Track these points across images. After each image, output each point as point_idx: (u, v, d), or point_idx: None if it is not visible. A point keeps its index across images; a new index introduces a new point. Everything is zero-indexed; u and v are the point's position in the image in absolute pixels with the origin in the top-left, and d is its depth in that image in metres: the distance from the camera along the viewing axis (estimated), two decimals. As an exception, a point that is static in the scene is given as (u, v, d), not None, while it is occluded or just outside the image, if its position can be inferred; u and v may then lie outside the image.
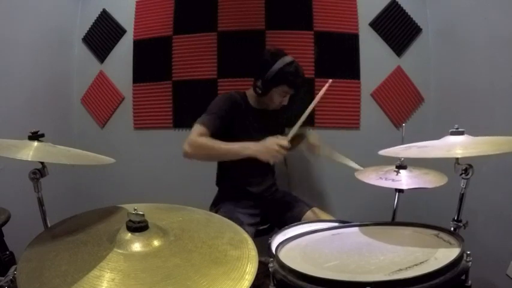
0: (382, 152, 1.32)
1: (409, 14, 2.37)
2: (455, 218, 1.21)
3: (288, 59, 1.83)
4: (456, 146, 1.15)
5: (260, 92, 1.85)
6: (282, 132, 2.18)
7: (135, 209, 0.86)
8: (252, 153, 1.68)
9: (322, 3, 2.36)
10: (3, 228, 1.52)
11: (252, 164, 1.75)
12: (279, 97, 1.87)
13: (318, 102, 1.81)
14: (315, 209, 1.89)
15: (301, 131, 1.91)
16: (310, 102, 2.07)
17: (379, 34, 2.39)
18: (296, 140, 1.94)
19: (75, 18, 2.61)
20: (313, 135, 2.01)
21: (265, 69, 1.80)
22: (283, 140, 1.71)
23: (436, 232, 1.12)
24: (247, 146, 1.70)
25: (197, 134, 1.71)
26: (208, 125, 1.74)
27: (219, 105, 1.83)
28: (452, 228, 1.19)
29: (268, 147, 1.68)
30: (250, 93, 1.98)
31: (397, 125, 2.41)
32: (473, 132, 1.21)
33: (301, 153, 2.34)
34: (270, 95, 1.86)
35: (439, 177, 1.51)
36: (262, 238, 1.78)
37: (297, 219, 1.83)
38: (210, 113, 1.79)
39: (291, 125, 2.29)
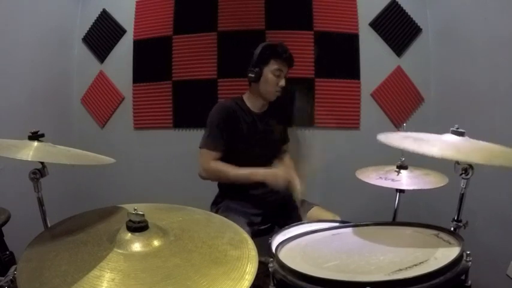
0: (380, 137, 1.30)
1: (409, 14, 2.37)
2: (455, 218, 1.21)
3: (268, 42, 1.93)
4: (450, 147, 1.14)
5: (253, 76, 1.86)
6: (285, 138, 2.18)
7: (135, 209, 0.86)
8: (260, 179, 1.75)
9: (322, 3, 2.36)
10: (3, 228, 1.52)
11: (253, 166, 1.76)
12: (274, 77, 1.85)
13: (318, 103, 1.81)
14: (317, 208, 1.88)
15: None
16: (310, 102, 2.06)
17: (379, 34, 2.39)
18: None
19: (75, 18, 2.61)
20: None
21: (251, 58, 1.88)
22: (292, 175, 1.75)
23: (436, 232, 1.12)
24: (256, 172, 1.76)
25: (209, 160, 1.80)
26: (214, 149, 1.81)
27: (216, 123, 1.85)
28: (452, 228, 1.19)
29: (276, 178, 1.73)
30: (247, 96, 1.97)
31: (397, 125, 2.41)
32: (473, 132, 1.21)
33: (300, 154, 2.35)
34: (264, 77, 1.86)
35: (440, 178, 1.51)
36: (262, 238, 1.78)
37: (299, 219, 1.82)
38: (210, 134, 1.84)
39: (289, 123, 2.30)
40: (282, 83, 1.89)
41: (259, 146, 1.91)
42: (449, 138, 1.19)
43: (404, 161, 1.57)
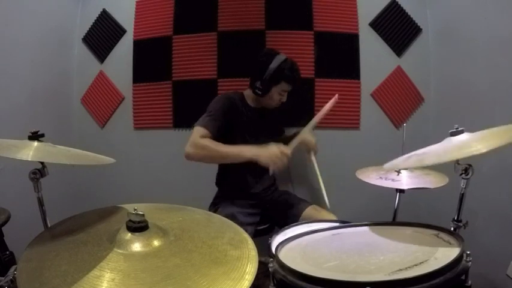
0: (386, 166, 1.30)
1: (409, 14, 2.37)
2: (455, 218, 1.21)
3: (282, 56, 1.87)
4: (457, 147, 1.13)
5: (260, 93, 1.86)
6: (280, 131, 2.20)
7: (135, 209, 0.86)
8: (252, 156, 1.69)
9: (322, 3, 2.36)
10: (3, 228, 1.52)
11: (251, 164, 1.76)
12: (279, 95, 1.90)
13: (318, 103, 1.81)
14: (314, 206, 1.90)
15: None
16: (308, 102, 2.06)
17: (379, 34, 2.39)
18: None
19: (75, 18, 2.61)
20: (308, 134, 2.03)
21: (262, 70, 1.83)
22: (286, 149, 1.73)
23: (436, 232, 1.12)
24: (248, 149, 1.72)
25: (199, 136, 1.72)
26: (208, 127, 1.75)
27: (218, 107, 1.84)
28: (452, 228, 1.19)
29: (270, 153, 1.69)
30: (247, 93, 1.99)
31: (397, 125, 2.41)
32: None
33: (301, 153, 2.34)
34: (271, 94, 1.88)
35: (440, 178, 1.51)
36: (262, 238, 1.78)
37: (296, 217, 1.84)
38: (210, 115, 1.81)
39: (289, 123, 2.30)
40: (284, 99, 1.93)
41: (257, 138, 1.92)
42: (451, 140, 1.17)
43: (404, 161, 1.57)
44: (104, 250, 0.81)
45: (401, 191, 1.61)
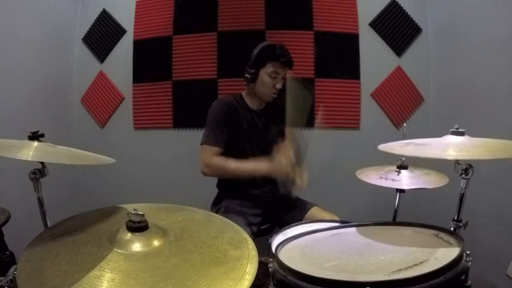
0: (381, 147, 1.31)
1: (409, 14, 2.37)
2: (455, 218, 1.21)
3: (265, 42, 1.91)
4: (452, 147, 1.14)
5: (250, 77, 1.86)
6: (281, 131, 2.19)
7: (135, 209, 0.86)
8: (266, 172, 1.74)
9: (322, 3, 2.36)
10: (3, 228, 1.52)
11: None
12: (270, 79, 1.84)
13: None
14: (317, 208, 1.89)
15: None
16: (308, 102, 2.05)
17: (379, 34, 2.39)
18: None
19: (75, 18, 2.62)
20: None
21: (249, 57, 1.87)
22: (287, 157, 1.75)
23: (436, 232, 1.12)
24: (261, 165, 1.75)
25: (210, 156, 1.78)
26: (216, 144, 1.79)
27: (217, 118, 1.83)
28: (452, 228, 1.19)
29: (281, 167, 1.73)
30: (246, 93, 1.98)
31: (397, 125, 2.41)
32: (474, 132, 1.21)
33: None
34: (260, 78, 1.86)
35: (440, 178, 1.51)
36: (262, 238, 1.78)
37: (299, 218, 1.83)
38: (211, 129, 1.82)
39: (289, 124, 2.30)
40: (279, 85, 1.88)
41: (258, 143, 1.91)
42: (450, 139, 1.19)
43: (405, 161, 1.57)
44: (104, 250, 0.81)
45: (401, 191, 1.61)
